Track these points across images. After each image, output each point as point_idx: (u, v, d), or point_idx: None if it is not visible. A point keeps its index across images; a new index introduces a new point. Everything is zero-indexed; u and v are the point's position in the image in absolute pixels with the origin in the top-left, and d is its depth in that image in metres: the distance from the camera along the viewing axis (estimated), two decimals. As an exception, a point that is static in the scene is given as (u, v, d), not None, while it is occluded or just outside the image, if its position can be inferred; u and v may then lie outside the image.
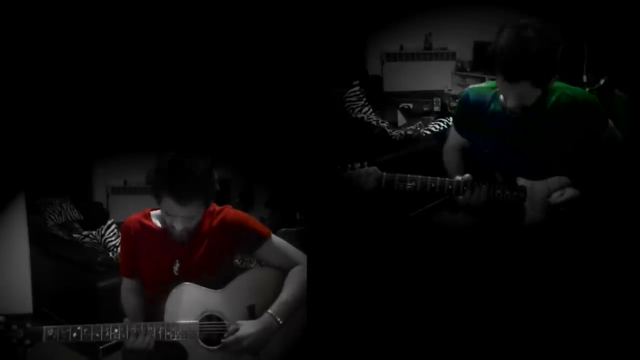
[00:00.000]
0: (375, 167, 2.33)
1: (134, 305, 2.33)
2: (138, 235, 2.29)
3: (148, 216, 2.31)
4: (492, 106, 2.33)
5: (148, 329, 2.13)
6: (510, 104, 2.20)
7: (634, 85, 2.97)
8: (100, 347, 3.26)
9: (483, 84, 2.41)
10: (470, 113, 2.39)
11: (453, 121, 2.56)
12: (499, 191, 2.32)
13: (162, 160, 2.13)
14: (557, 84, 2.28)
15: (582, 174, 2.30)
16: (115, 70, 3.74)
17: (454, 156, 2.53)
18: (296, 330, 2.28)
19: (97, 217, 4.29)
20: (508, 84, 2.13)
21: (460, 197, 2.32)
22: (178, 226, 2.16)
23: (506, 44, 2.10)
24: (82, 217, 4.24)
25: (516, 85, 2.12)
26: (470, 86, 2.44)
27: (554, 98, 2.25)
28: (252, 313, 2.24)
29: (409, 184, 2.30)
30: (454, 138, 2.53)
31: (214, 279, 2.26)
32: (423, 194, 2.32)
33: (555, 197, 2.29)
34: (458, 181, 2.32)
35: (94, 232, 4.11)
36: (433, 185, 2.31)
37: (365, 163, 2.34)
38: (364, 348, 2.37)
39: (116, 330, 2.11)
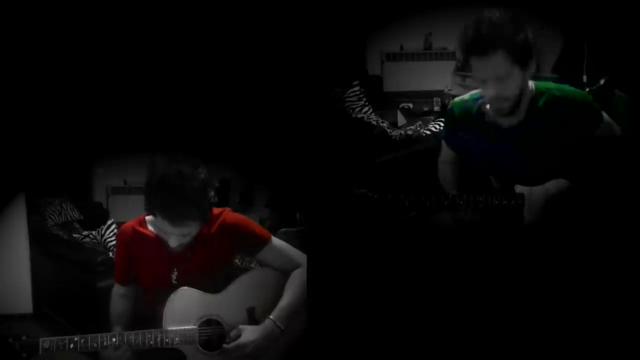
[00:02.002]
0: (365, 190, 2.31)
1: (122, 310, 2.32)
2: (133, 243, 2.26)
3: (143, 223, 2.28)
4: (478, 117, 2.28)
5: (146, 336, 2.12)
6: (490, 91, 2.13)
7: (634, 85, 2.97)
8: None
9: (466, 96, 2.36)
10: (458, 127, 2.36)
11: (444, 137, 2.52)
12: (496, 202, 2.30)
13: (153, 175, 2.06)
14: (544, 84, 2.23)
15: (581, 172, 2.28)
16: (116, 70, 3.74)
17: (449, 171, 2.50)
18: (296, 332, 2.27)
19: (97, 217, 4.29)
20: (484, 60, 2.07)
21: (456, 215, 2.30)
22: (173, 243, 2.13)
23: (467, 27, 2.12)
24: (82, 217, 4.24)
25: (492, 58, 2.06)
26: (454, 100, 2.40)
27: (542, 101, 2.21)
28: (251, 316, 2.23)
29: (402, 203, 2.29)
30: (446, 152, 2.50)
31: (213, 283, 2.25)
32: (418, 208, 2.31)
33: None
34: (454, 195, 2.30)
35: (94, 232, 4.11)
36: (428, 203, 2.29)
37: (355, 185, 2.32)
38: (364, 348, 2.36)
39: (114, 339, 2.10)
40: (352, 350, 2.36)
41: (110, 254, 3.81)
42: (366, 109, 4.91)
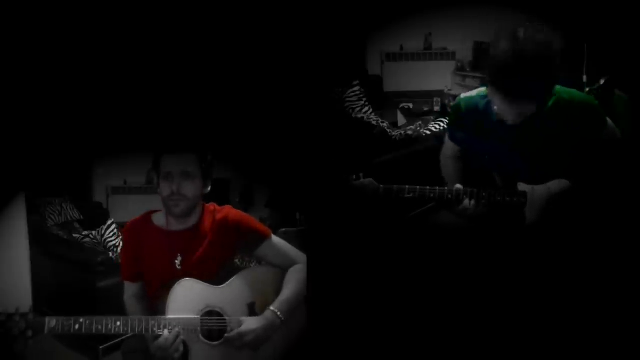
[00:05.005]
0: (371, 179, 2.32)
1: (139, 310, 2.33)
2: (140, 237, 2.31)
3: (148, 217, 2.34)
4: (485, 115, 2.29)
5: (150, 322, 2.14)
6: (508, 119, 2.15)
7: (634, 85, 2.97)
8: (100, 347, 3.26)
9: (474, 93, 2.36)
10: (464, 123, 2.37)
11: (448, 132, 2.52)
12: (499, 198, 2.31)
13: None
14: None
15: (583, 175, 2.29)
16: (115, 70, 3.74)
17: (452, 165, 2.50)
18: (296, 328, 2.28)
19: (97, 217, 4.29)
20: (509, 103, 2.08)
21: (460, 208, 2.30)
22: (174, 185, 2.20)
23: (505, 62, 2.01)
24: (82, 217, 4.24)
25: (519, 104, 2.08)
26: (462, 96, 2.40)
27: (550, 102, 2.21)
28: (252, 310, 2.26)
29: (408, 195, 2.30)
30: (450, 147, 2.50)
31: (215, 277, 2.28)
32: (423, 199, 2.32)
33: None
34: (458, 189, 2.31)
35: (94, 232, 4.11)
36: (432, 195, 2.30)
37: (361, 175, 2.33)
38: (363, 348, 2.37)
39: (118, 323, 2.10)
40: (351, 349, 2.37)
41: (110, 253, 3.81)
42: (366, 109, 4.91)
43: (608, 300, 2.24)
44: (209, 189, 2.30)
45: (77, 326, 2.07)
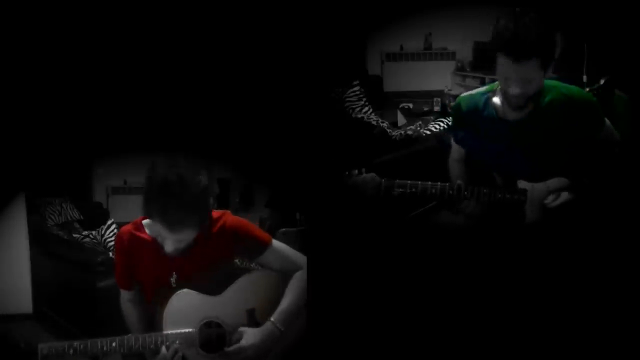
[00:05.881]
0: (374, 174, 2.32)
1: (137, 317, 2.30)
2: (132, 247, 2.23)
3: (140, 226, 2.25)
4: (485, 112, 2.31)
5: (147, 340, 2.12)
6: (514, 90, 2.14)
7: (634, 85, 2.97)
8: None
9: (473, 91, 2.39)
10: (464, 122, 2.38)
11: (452, 134, 2.54)
12: (499, 195, 2.31)
13: (153, 179, 2.04)
14: (551, 82, 2.26)
15: (581, 174, 2.29)
16: (115, 70, 3.74)
17: (458, 168, 2.51)
18: (295, 332, 2.27)
19: (97, 217, 4.29)
20: (516, 65, 2.08)
21: (461, 206, 2.31)
22: (168, 247, 2.12)
23: (508, 28, 2.08)
24: (82, 217, 4.24)
25: (525, 65, 2.08)
26: (461, 95, 2.42)
27: (548, 98, 2.23)
28: (251, 317, 2.23)
29: (409, 190, 2.30)
30: (456, 150, 2.51)
31: (212, 284, 2.24)
32: (423, 197, 2.32)
33: (550, 200, 2.28)
34: (459, 185, 2.31)
35: (94, 232, 4.11)
36: (433, 190, 2.30)
37: (363, 170, 2.33)
38: (364, 349, 2.36)
39: (114, 344, 2.08)
40: (351, 351, 2.36)
41: (110, 254, 3.81)
42: (366, 109, 4.91)
43: (607, 299, 2.24)
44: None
45: (71, 351, 2.05)
